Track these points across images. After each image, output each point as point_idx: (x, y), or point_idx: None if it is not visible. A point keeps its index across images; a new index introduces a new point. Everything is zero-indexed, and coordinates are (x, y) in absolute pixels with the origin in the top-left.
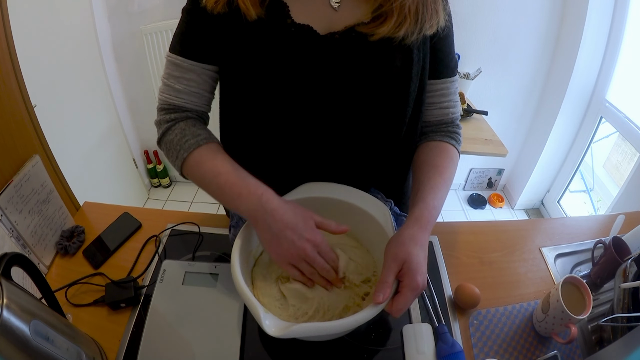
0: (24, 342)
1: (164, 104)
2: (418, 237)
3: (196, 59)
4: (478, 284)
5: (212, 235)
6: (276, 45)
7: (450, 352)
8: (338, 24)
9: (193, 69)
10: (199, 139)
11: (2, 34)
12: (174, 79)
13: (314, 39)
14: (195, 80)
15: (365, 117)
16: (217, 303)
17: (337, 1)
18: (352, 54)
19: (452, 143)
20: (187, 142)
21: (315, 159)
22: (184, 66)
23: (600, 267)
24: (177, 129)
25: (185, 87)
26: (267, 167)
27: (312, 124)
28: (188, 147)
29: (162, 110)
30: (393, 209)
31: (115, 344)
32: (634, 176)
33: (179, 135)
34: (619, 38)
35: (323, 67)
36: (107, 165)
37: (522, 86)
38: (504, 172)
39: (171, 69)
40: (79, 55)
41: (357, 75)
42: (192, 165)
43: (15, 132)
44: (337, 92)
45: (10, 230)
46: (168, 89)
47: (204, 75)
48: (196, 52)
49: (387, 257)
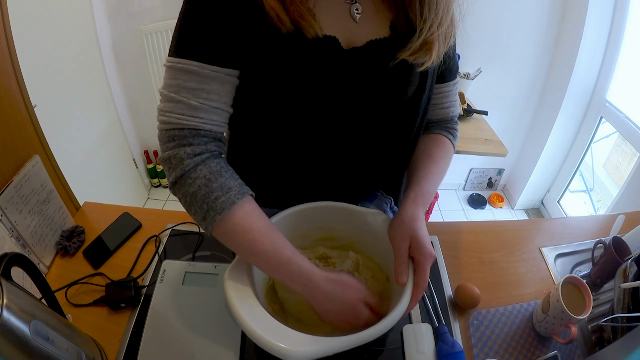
0: (24, 342)
1: (173, 128)
2: (416, 215)
3: (220, 64)
4: (478, 284)
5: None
6: (302, 55)
7: (450, 352)
8: (358, 38)
9: (216, 76)
10: (230, 195)
11: (2, 34)
12: (187, 93)
13: (338, 53)
14: (217, 92)
15: (378, 127)
16: (217, 303)
17: (358, 11)
18: (373, 70)
19: (448, 137)
20: (218, 201)
21: (325, 163)
22: (203, 74)
23: (600, 267)
24: (199, 179)
25: (204, 102)
26: (276, 170)
27: (325, 131)
28: (220, 208)
29: (172, 141)
30: (393, 208)
31: (115, 344)
32: (634, 176)
33: (204, 190)
34: (619, 38)
35: (342, 81)
36: (107, 165)
37: (522, 86)
38: (504, 172)
39: (182, 79)
40: (79, 55)
41: (374, 90)
42: (224, 229)
43: (15, 132)
44: (352, 105)
45: (10, 230)
46: (180, 107)
47: (227, 85)
48: (219, 54)
49: (394, 238)
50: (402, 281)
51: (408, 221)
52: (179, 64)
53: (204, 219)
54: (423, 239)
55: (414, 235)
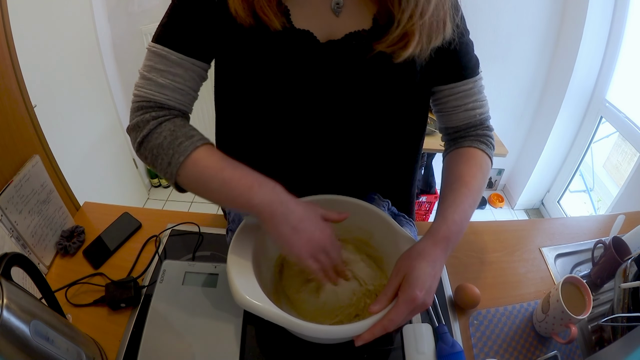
0: (24, 342)
1: (142, 100)
2: (427, 252)
3: (186, 53)
4: (478, 284)
5: (212, 236)
6: (274, 50)
7: (450, 352)
8: (338, 31)
9: (181, 63)
10: (194, 140)
11: (2, 34)
12: (156, 72)
13: (313, 46)
14: (181, 75)
15: (362, 124)
16: (217, 303)
17: (339, 6)
18: (351, 63)
19: (481, 148)
20: (182, 145)
21: (314, 163)
22: (170, 59)
23: (600, 267)
24: (165, 131)
25: (170, 82)
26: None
27: (309, 128)
28: (184, 150)
29: (139, 110)
30: (390, 209)
31: (115, 344)
32: (634, 176)
33: (170, 138)
34: (619, 38)
35: (321, 75)
36: (107, 165)
37: (522, 86)
38: (504, 172)
39: (154, 61)
40: (79, 55)
41: (354, 84)
42: (189, 167)
43: (15, 132)
44: (334, 100)
45: (10, 230)
46: (149, 83)
47: (191, 72)
48: (187, 45)
49: (393, 270)
50: (372, 309)
51: (414, 256)
52: (154, 48)
53: (170, 163)
54: (415, 280)
55: (407, 273)
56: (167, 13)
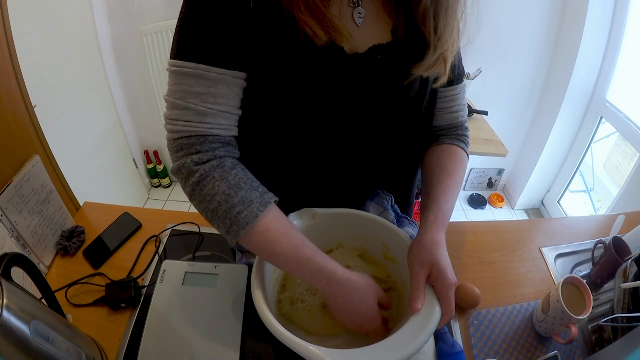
0: (24, 342)
1: (180, 137)
2: (438, 240)
3: (226, 66)
4: (478, 284)
5: (212, 235)
6: (313, 61)
7: (450, 352)
8: (361, 43)
9: (223, 79)
10: (252, 209)
11: (2, 34)
12: (194, 97)
13: (341, 57)
14: (224, 94)
15: (380, 131)
16: (217, 303)
17: (361, 16)
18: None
19: (461, 146)
20: (240, 216)
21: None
22: (209, 77)
23: (600, 267)
24: (217, 193)
25: (212, 106)
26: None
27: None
28: (243, 223)
29: (180, 150)
30: (394, 206)
31: (115, 344)
32: (634, 176)
33: (225, 206)
34: (619, 38)
35: (346, 85)
36: (107, 165)
37: (522, 86)
38: (504, 172)
39: (187, 84)
40: (79, 55)
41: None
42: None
43: (15, 132)
44: (355, 108)
45: (10, 230)
46: (187, 113)
47: (234, 87)
48: (225, 56)
49: (413, 264)
50: (417, 308)
51: (429, 247)
52: (184, 68)
53: (228, 232)
54: (445, 267)
55: (434, 263)
56: (181, 21)
